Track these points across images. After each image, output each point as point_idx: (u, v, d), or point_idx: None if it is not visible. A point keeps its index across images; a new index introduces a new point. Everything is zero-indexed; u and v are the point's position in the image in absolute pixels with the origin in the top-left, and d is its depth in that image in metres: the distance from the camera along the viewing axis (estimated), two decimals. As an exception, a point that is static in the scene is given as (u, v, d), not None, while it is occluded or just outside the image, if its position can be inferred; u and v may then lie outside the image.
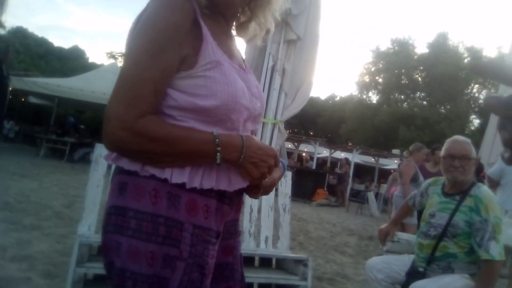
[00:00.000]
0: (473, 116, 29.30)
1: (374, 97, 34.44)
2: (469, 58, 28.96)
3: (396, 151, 20.69)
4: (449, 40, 30.61)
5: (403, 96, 32.38)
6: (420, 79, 31.97)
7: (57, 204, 5.62)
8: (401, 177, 5.02)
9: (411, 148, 5.30)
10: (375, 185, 17.96)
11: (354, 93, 35.96)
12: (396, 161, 14.23)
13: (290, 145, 20.64)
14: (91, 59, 42.30)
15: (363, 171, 22.44)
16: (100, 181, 2.82)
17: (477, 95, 29.80)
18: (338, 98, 40.16)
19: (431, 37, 42.74)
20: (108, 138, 0.86)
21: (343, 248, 6.04)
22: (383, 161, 22.36)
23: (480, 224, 2.21)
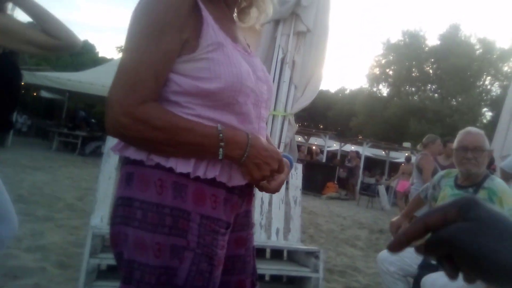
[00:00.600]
0: (485, 109, 28.97)
1: (384, 90, 34.22)
2: (481, 50, 28.55)
3: (407, 144, 20.52)
4: (461, 31, 30.24)
5: (414, 89, 32.07)
6: (431, 71, 31.63)
7: (69, 197, 5.69)
8: (422, 172, 4.89)
9: (425, 141, 5.13)
10: (386, 179, 17.86)
11: (364, 86, 35.82)
12: (406, 154, 14.07)
13: (300, 139, 20.58)
14: (101, 54, 42.61)
15: (373, 165, 22.31)
16: (112, 173, 2.83)
17: (489, 87, 29.44)
18: (348, 91, 39.95)
19: (442, 29, 42.25)
20: (110, 124, 0.85)
21: (353, 241, 6.03)
22: (393, 154, 22.18)
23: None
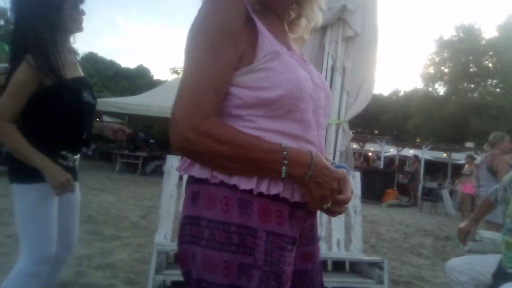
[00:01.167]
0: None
1: (440, 88, 32.63)
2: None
3: (469, 144, 19.41)
4: (522, 20, 28.28)
5: (472, 85, 30.34)
6: (490, 65, 29.78)
7: (133, 215, 5.95)
8: (496, 174, 4.59)
9: (492, 139, 4.79)
10: (449, 182, 16.96)
11: (419, 86, 34.33)
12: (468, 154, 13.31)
13: (355, 145, 20.11)
14: (156, 76, 44.50)
15: (434, 168, 21.28)
16: (173, 191, 2.93)
17: (558, 77, 27.16)
18: (402, 93, 38.59)
19: (500, 20, 39.83)
20: (175, 139, 0.85)
21: (418, 250, 5.76)
22: (455, 155, 21.01)
23: None
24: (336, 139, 4.05)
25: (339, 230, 3.05)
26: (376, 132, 34.31)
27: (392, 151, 21.49)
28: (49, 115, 1.76)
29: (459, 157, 20.62)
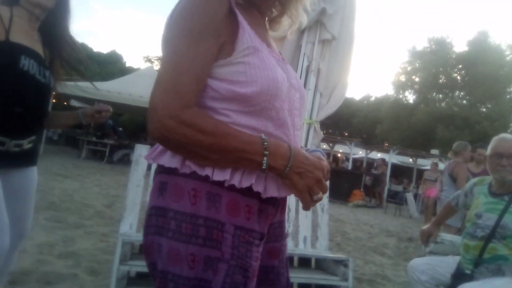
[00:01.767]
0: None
1: (410, 96, 33.56)
2: (511, 56, 27.72)
3: (434, 151, 20.08)
4: (490, 38, 29.47)
5: (441, 96, 31.35)
6: (459, 77, 30.86)
7: (98, 204, 5.81)
8: (456, 180, 4.81)
9: (456, 148, 5.03)
10: (414, 186, 17.48)
11: (389, 93, 35.21)
12: (434, 161, 13.79)
13: (325, 146, 20.45)
14: (128, 63, 43.53)
15: (400, 172, 21.89)
16: (140, 180, 2.88)
17: (520, 93, 28.44)
18: (373, 99, 39.34)
19: (470, 36, 41.28)
20: (154, 127, 0.82)
21: (382, 249, 5.92)
22: (421, 161, 21.73)
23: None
24: (307, 139, 4.09)
25: (306, 227, 3.09)
26: (346, 134, 34.89)
27: (360, 153, 21.96)
28: None
29: (425, 163, 21.35)
